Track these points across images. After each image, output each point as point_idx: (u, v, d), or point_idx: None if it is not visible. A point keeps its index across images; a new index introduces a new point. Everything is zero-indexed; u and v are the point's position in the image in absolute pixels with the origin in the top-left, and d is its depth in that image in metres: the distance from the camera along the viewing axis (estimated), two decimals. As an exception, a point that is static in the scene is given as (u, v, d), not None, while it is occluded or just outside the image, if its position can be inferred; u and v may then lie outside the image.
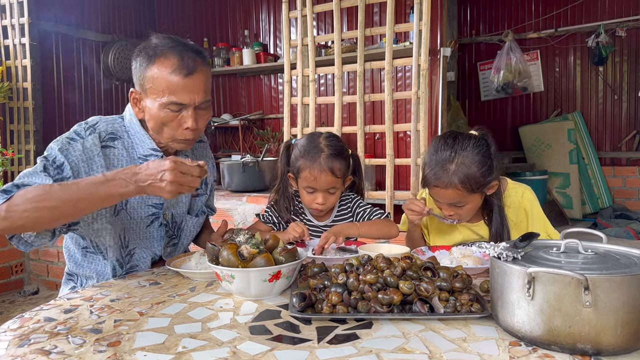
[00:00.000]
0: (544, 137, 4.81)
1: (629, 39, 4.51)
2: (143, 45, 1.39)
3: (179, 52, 1.34)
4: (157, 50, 1.34)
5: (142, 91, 1.38)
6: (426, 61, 2.90)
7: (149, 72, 1.34)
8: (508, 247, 0.94)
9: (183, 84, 1.33)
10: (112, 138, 1.42)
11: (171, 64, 1.32)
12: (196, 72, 1.35)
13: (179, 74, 1.32)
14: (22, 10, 4.22)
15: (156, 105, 1.35)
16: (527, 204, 1.62)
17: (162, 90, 1.33)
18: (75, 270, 1.51)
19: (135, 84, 1.40)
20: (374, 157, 4.01)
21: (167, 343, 0.89)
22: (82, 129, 1.40)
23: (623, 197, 4.70)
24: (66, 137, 1.37)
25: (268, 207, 1.79)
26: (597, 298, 0.78)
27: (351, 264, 1.14)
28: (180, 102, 1.34)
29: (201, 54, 1.39)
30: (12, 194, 1.22)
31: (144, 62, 1.35)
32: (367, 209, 1.76)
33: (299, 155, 1.66)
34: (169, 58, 1.33)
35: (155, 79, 1.33)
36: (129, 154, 1.43)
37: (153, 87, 1.34)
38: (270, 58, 4.88)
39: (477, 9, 5.18)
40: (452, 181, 1.45)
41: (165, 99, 1.33)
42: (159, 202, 1.48)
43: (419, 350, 0.84)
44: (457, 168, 1.45)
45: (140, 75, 1.36)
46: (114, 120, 1.46)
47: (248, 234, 1.20)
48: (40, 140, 4.36)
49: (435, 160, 1.49)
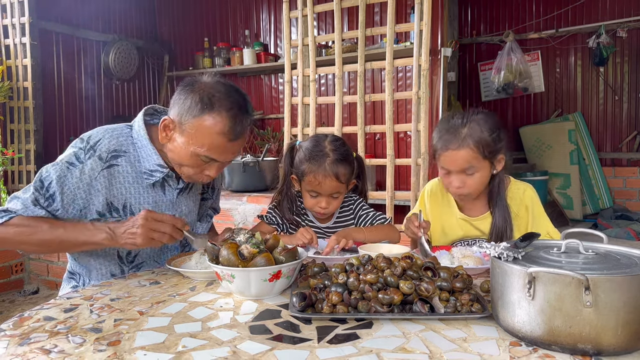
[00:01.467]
0: (545, 138, 4.81)
1: (629, 39, 4.50)
2: (197, 82, 1.35)
3: (234, 116, 1.32)
4: (213, 103, 1.31)
5: (179, 126, 1.35)
6: (427, 61, 2.90)
7: (196, 120, 1.31)
8: (509, 247, 0.94)
9: (225, 146, 1.34)
10: (115, 156, 1.40)
11: (222, 126, 1.31)
12: (242, 137, 1.36)
13: (226, 137, 1.32)
14: (22, 10, 4.22)
15: (189, 150, 1.34)
16: (529, 201, 1.62)
17: (202, 143, 1.32)
18: (77, 269, 1.52)
19: (173, 115, 1.36)
20: (374, 157, 4.01)
21: (167, 342, 0.89)
22: (82, 151, 1.38)
23: (623, 198, 4.70)
24: (66, 162, 1.36)
25: (271, 207, 1.78)
26: (597, 298, 0.77)
27: (351, 263, 1.14)
28: (215, 158, 1.35)
29: (250, 116, 1.38)
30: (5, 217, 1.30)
31: (194, 106, 1.31)
32: (370, 213, 1.75)
33: (304, 158, 1.64)
34: (223, 118, 1.31)
35: (200, 130, 1.31)
36: (134, 168, 1.42)
37: (194, 134, 1.32)
38: (270, 58, 4.88)
39: (477, 9, 5.18)
40: (466, 141, 1.50)
41: (202, 152, 1.33)
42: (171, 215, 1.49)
43: (420, 350, 0.84)
44: (470, 131, 1.51)
45: (185, 114, 1.32)
46: (120, 133, 1.43)
47: (248, 234, 1.20)
48: (41, 140, 4.37)
49: (447, 127, 1.55)
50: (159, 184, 1.46)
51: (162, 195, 1.47)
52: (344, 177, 1.63)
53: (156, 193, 1.46)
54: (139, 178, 1.43)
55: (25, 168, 4.32)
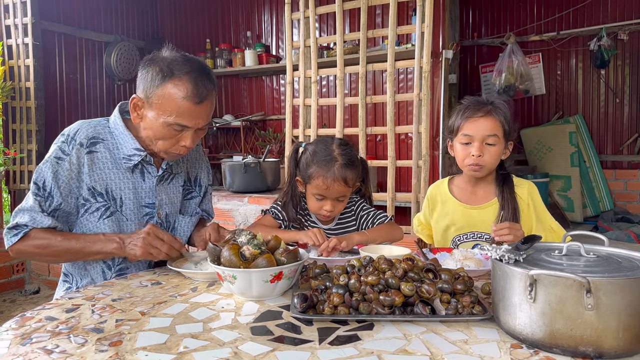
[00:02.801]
0: (546, 140, 4.81)
1: (631, 42, 4.50)
2: (156, 57, 1.40)
3: (194, 79, 1.35)
4: (172, 69, 1.35)
5: (146, 102, 1.39)
6: (428, 63, 2.90)
7: (160, 90, 1.35)
8: (510, 249, 0.94)
9: (192, 109, 1.36)
10: (93, 142, 1.45)
11: (185, 89, 1.34)
12: (207, 99, 1.38)
13: (190, 101, 1.35)
14: (25, 10, 4.23)
15: (160, 121, 1.37)
16: (531, 198, 1.66)
17: (170, 111, 1.35)
18: (70, 270, 1.52)
19: (140, 92, 1.40)
20: (375, 158, 4.02)
21: (168, 343, 0.89)
22: (65, 144, 1.42)
23: (624, 201, 4.69)
24: (54, 157, 1.41)
25: (275, 204, 1.78)
26: (599, 301, 0.78)
27: (353, 265, 1.14)
28: (186, 124, 1.38)
29: (213, 81, 1.41)
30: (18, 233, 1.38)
31: (156, 78, 1.36)
32: (370, 212, 1.76)
33: (311, 161, 1.64)
34: (183, 82, 1.35)
35: (165, 98, 1.35)
36: (112, 155, 1.46)
37: (161, 104, 1.36)
38: (272, 59, 4.88)
39: (479, 12, 5.18)
40: (492, 112, 1.61)
41: (172, 120, 1.36)
42: (151, 202, 1.51)
43: (420, 352, 0.84)
44: (495, 107, 1.63)
45: (149, 87, 1.37)
46: (97, 123, 1.49)
47: (250, 235, 1.20)
48: (42, 140, 4.37)
49: (474, 101, 1.65)
50: (139, 171, 1.49)
51: (141, 181, 1.50)
52: (352, 181, 1.64)
53: (135, 179, 1.49)
54: (118, 164, 1.46)
55: (27, 168, 4.33)
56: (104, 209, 1.44)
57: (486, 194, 1.70)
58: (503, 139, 1.61)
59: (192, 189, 1.67)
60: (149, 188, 1.51)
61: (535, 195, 1.68)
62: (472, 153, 1.60)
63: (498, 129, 1.60)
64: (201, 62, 1.42)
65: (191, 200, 1.67)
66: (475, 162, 1.61)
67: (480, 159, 1.60)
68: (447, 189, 1.77)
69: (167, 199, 1.56)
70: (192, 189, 1.67)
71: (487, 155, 1.60)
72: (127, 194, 1.47)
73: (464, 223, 1.69)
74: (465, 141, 1.62)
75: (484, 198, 1.69)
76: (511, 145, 1.66)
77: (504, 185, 1.67)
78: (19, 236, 1.37)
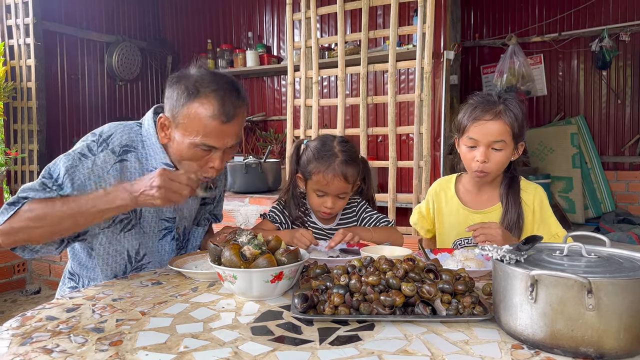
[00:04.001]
0: (547, 141, 4.80)
1: (632, 43, 4.50)
2: (182, 75, 1.35)
3: (221, 97, 1.30)
4: (198, 88, 1.30)
5: (173, 122, 1.35)
6: (429, 64, 2.90)
7: (185, 109, 1.31)
8: (511, 249, 0.93)
9: (220, 129, 1.31)
10: (126, 151, 1.39)
11: (212, 108, 1.29)
12: (235, 118, 1.32)
13: (217, 120, 1.29)
14: (26, 11, 4.24)
15: (186, 142, 1.32)
16: (538, 203, 1.63)
17: (197, 131, 1.30)
18: (78, 271, 1.51)
19: (167, 112, 1.36)
20: (376, 159, 4.02)
21: (168, 343, 0.89)
22: (94, 143, 1.37)
23: (626, 202, 4.69)
24: (78, 152, 1.34)
25: (274, 206, 1.78)
26: (600, 301, 0.77)
27: (353, 265, 1.14)
28: (213, 145, 1.33)
29: (242, 97, 1.35)
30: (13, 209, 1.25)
31: (182, 97, 1.31)
32: (373, 215, 1.76)
33: (312, 158, 1.65)
34: (210, 100, 1.29)
35: (191, 118, 1.30)
36: (141, 165, 1.41)
37: (187, 125, 1.31)
38: (273, 60, 4.88)
39: (480, 13, 5.18)
40: (501, 115, 1.52)
41: (198, 140, 1.31)
42: (172, 217, 1.48)
43: (421, 352, 0.84)
44: (506, 107, 1.54)
45: (175, 107, 1.33)
46: (130, 128, 1.43)
47: (250, 235, 1.20)
48: (44, 140, 4.38)
49: (482, 100, 1.57)
50: None
51: None
52: (352, 177, 1.64)
53: None
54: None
55: (28, 168, 4.33)
56: (127, 222, 1.40)
57: (491, 197, 1.66)
58: (512, 141, 1.55)
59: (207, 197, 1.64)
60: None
61: (543, 201, 1.63)
62: (476, 158, 1.55)
63: (506, 133, 1.52)
64: (230, 79, 1.36)
65: (205, 207, 1.65)
66: (480, 168, 1.55)
67: (485, 165, 1.54)
68: (454, 188, 1.73)
69: (187, 212, 1.53)
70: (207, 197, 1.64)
71: (492, 161, 1.55)
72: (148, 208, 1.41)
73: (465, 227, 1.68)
74: (470, 144, 1.57)
75: (489, 202, 1.65)
76: (522, 146, 1.60)
77: (509, 188, 1.62)
78: (10, 212, 1.24)
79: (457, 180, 1.75)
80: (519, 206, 1.60)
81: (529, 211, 1.62)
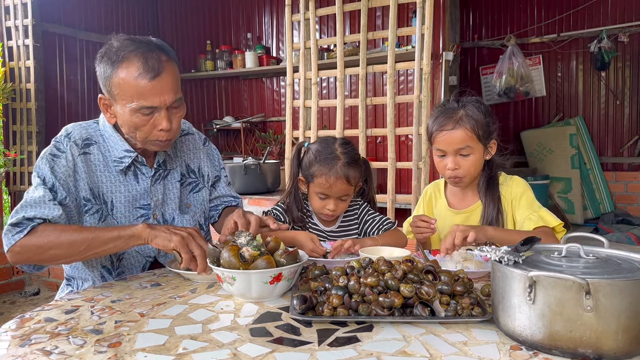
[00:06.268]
0: (546, 142, 4.81)
1: (631, 44, 4.51)
2: (105, 49, 1.36)
3: (142, 54, 1.30)
4: (119, 54, 1.31)
5: (110, 97, 1.36)
6: (428, 65, 2.90)
7: (114, 79, 1.31)
8: (509, 250, 0.94)
9: (151, 86, 1.30)
10: (87, 144, 1.42)
11: (136, 68, 1.29)
12: (163, 72, 1.32)
13: (144, 78, 1.29)
14: (25, 12, 4.24)
15: (127, 110, 1.33)
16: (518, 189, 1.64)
17: (131, 96, 1.31)
18: (71, 274, 1.51)
19: (103, 90, 1.37)
20: (375, 160, 4.01)
21: (167, 344, 0.89)
22: (59, 143, 1.40)
23: (625, 203, 4.69)
24: (49, 154, 1.37)
25: (277, 205, 1.78)
26: (598, 302, 0.77)
27: (352, 266, 1.13)
28: (151, 105, 1.32)
29: (166, 51, 1.36)
30: (25, 228, 1.26)
31: (107, 68, 1.32)
32: (376, 218, 1.75)
33: (314, 160, 1.64)
34: (132, 62, 1.30)
35: (121, 85, 1.31)
36: (104, 157, 1.44)
37: (121, 93, 1.32)
38: (272, 61, 4.88)
39: (479, 14, 5.19)
40: (462, 121, 1.55)
41: (135, 104, 1.31)
42: (147, 203, 1.48)
43: (420, 353, 0.84)
44: (465, 112, 1.56)
45: (106, 81, 1.34)
46: (88, 125, 1.46)
47: (249, 236, 1.20)
48: (43, 141, 4.37)
49: (443, 109, 1.61)
50: (132, 173, 1.46)
51: (135, 184, 1.46)
52: (354, 180, 1.64)
53: (129, 182, 1.45)
54: (110, 167, 1.43)
55: (27, 169, 4.33)
56: (99, 214, 1.41)
57: (473, 196, 1.69)
58: (479, 143, 1.57)
59: (198, 180, 1.62)
60: (144, 189, 1.47)
61: (520, 189, 1.64)
62: (447, 166, 1.59)
63: (470, 138, 1.55)
64: (150, 39, 1.36)
65: (199, 193, 1.62)
66: (453, 175, 1.59)
67: (457, 172, 1.58)
68: (443, 189, 1.77)
69: (163, 197, 1.52)
70: (197, 181, 1.62)
71: (463, 167, 1.58)
72: (118, 197, 1.44)
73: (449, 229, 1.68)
74: (439, 154, 1.61)
75: (471, 201, 1.69)
76: (494, 143, 1.62)
77: (487, 186, 1.65)
78: (24, 232, 1.25)
79: (446, 183, 1.78)
80: (498, 201, 1.63)
81: (507, 205, 1.64)
